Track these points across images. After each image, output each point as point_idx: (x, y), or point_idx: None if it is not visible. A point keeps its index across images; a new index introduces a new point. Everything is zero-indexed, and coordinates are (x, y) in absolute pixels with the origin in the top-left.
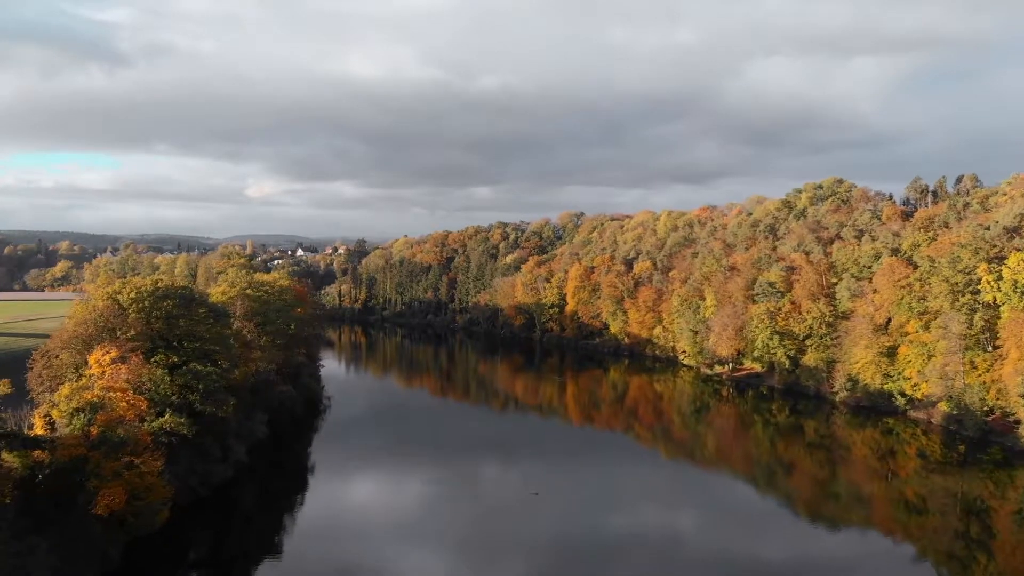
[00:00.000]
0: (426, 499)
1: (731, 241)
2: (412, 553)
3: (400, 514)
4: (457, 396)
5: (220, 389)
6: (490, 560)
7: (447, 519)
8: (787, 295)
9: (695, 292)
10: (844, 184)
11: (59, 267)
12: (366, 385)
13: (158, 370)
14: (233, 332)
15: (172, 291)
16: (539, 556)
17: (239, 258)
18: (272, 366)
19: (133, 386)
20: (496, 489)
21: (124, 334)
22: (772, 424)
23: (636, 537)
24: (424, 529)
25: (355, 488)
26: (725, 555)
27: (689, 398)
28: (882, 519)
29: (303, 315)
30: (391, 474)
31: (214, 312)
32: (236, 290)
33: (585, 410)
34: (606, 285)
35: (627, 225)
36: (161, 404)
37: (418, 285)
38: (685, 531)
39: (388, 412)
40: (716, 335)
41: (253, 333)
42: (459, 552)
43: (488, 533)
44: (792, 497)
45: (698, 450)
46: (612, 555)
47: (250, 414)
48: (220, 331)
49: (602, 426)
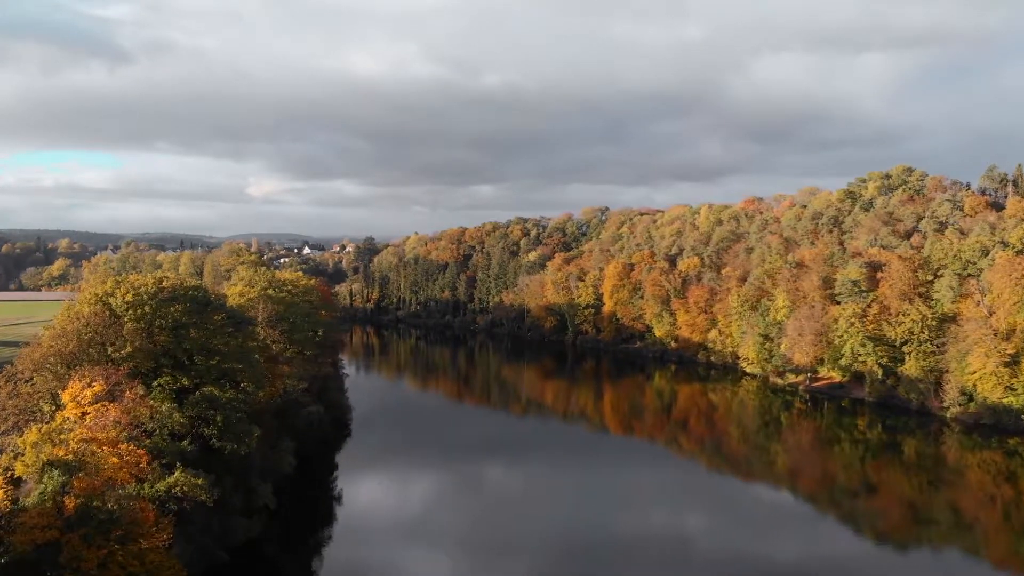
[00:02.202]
0: (477, 536)
1: (789, 235)
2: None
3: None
4: (489, 405)
5: (243, 419)
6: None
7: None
8: (871, 294)
9: (757, 291)
10: (915, 173)
11: (57, 265)
12: (389, 393)
13: (164, 403)
14: (257, 344)
15: (181, 293)
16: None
17: (249, 255)
18: (302, 385)
19: (128, 430)
20: (564, 528)
21: (117, 351)
22: (860, 442)
23: (694, 553)
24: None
25: (400, 535)
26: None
27: (754, 410)
28: (996, 549)
29: (329, 319)
30: (437, 511)
31: (234, 319)
32: (256, 291)
33: (626, 419)
34: (649, 284)
35: (661, 220)
36: (169, 453)
37: (434, 284)
38: (752, 549)
39: (418, 427)
40: (791, 340)
41: (279, 343)
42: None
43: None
44: (879, 519)
45: (764, 467)
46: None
47: (276, 443)
48: (242, 343)
49: (646, 436)
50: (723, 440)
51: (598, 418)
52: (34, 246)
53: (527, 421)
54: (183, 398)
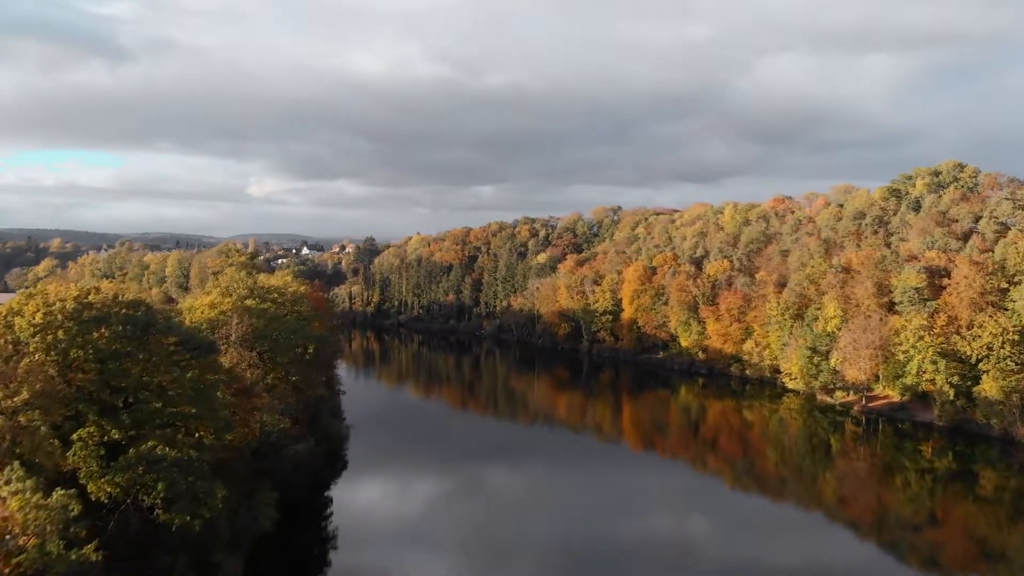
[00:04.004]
0: None
1: (828, 236)
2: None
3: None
4: (496, 415)
5: (199, 479)
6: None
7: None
8: (933, 302)
9: (799, 298)
10: (967, 169)
11: (43, 266)
12: (390, 407)
13: (72, 500)
14: (220, 377)
15: (114, 311)
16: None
17: (239, 255)
18: (282, 424)
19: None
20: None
21: (12, 397)
22: (926, 471)
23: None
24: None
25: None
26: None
27: (798, 431)
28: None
29: (323, 331)
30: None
31: (189, 344)
32: (231, 302)
33: (647, 435)
34: (675, 289)
35: (680, 220)
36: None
37: (438, 287)
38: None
39: (422, 451)
40: (843, 354)
41: (257, 368)
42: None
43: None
44: (942, 553)
45: (810, 494)
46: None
47: (251, 495)
48: (199, 377)
49: (669, 455)
50: (760, 462)
51: (616, 433)
52: (25, 245)
53: (545, 442)
54: (113, 457)
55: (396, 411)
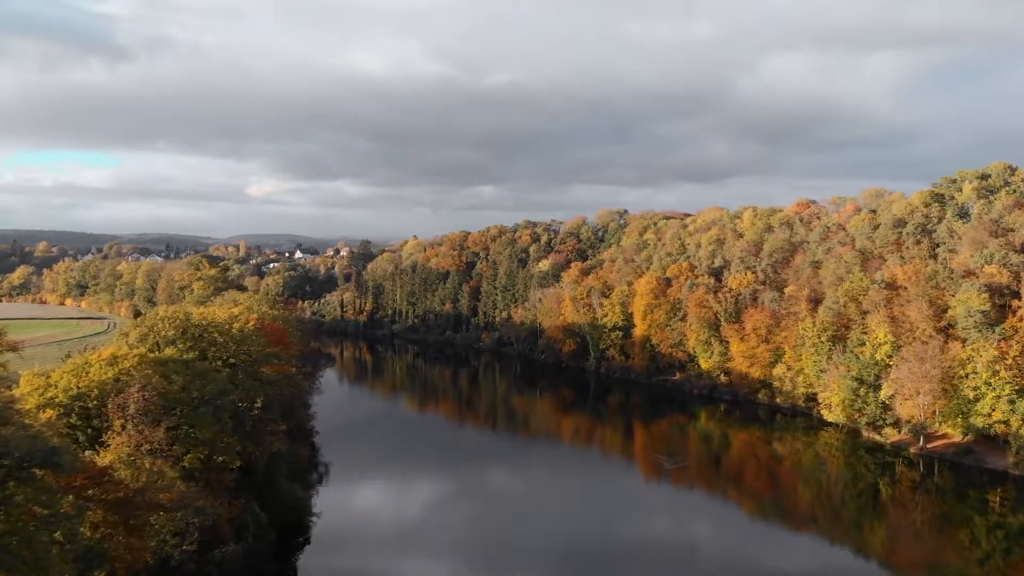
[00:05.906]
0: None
1: (864, 246)
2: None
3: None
4: (498, 437)
5: None
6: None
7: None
8: (999, 327)
9: (837, 317)
10: (1018, 172)
11: (17, 273)
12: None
13: None
14: (71, 518)
15: None
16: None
17: (209, 268)
18: (190, 545)
19: None
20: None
21: None
22: (996, 527)
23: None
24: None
25: None
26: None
27: (840, 472)
28: None
29: (283, 371)
30: None
31: (21, 465)
32: (141, 351)
33: (662, 466)
34: (693, 304)
35: (693, 225)
36: None
37: (434, 295)
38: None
39: (418, 519)
40: (895, 385)
41: (161, 455)
42: None
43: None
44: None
45: (852, 540)
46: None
47: None
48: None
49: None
50: (792, 500)
51: (627, 460)
52: (9, 249)
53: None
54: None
55: (383, 445)
